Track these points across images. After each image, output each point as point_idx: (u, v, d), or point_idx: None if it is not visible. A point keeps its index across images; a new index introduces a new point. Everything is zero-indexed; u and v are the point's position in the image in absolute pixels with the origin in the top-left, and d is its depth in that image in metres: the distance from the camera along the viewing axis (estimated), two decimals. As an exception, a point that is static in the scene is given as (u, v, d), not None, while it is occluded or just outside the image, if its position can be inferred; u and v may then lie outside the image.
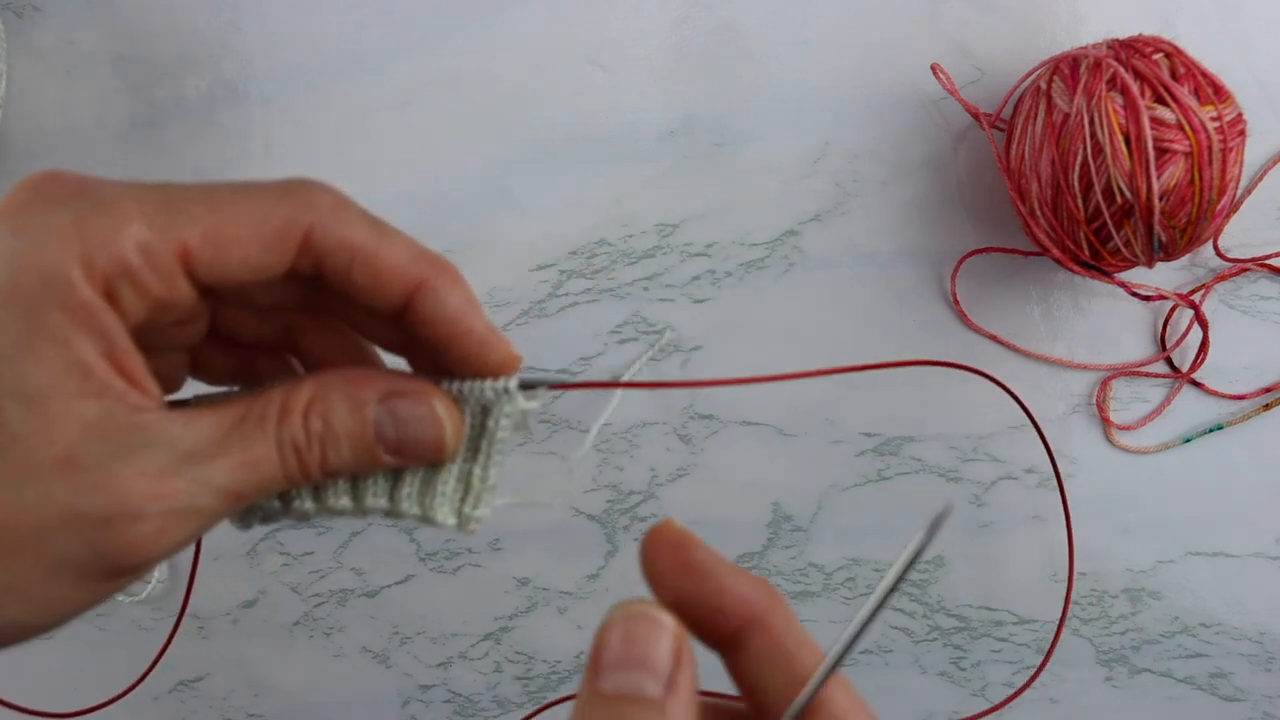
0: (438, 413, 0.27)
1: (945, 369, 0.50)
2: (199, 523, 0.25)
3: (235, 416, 0.26)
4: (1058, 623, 0.51)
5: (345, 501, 0.28)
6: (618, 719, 0.23)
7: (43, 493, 0.22)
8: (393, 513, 0.28)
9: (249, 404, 0.26)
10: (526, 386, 0.27)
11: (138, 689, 0.52)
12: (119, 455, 0.23)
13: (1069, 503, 0.51)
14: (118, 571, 0.24)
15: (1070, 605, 0.51)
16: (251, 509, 0.28)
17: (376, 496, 0.28)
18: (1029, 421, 0.51)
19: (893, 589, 0.24)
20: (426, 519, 0.28)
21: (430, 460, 0.27)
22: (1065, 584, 0.51)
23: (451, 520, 0.28)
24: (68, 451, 0.23)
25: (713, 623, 0.25)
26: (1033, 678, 0.51)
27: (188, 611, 0.52)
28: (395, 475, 0.28)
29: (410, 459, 0.27)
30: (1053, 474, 0.51)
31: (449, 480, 0.28)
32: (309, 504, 0.28)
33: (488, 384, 0.27)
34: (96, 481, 0.23)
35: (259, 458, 0.26)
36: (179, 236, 0.23)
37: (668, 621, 0.24)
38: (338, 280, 0.26)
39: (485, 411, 0.27)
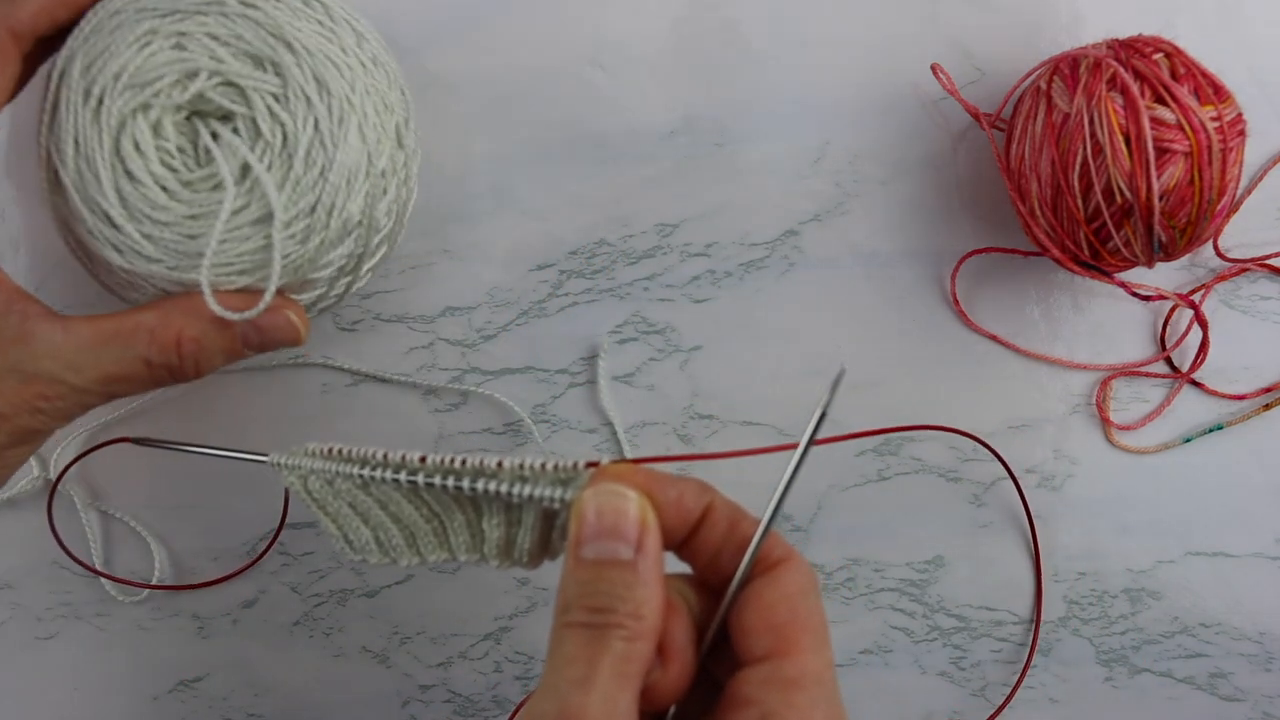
0: (292, 320, 0.36)
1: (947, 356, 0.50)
2: (67, 419, 0.35)
3: (111, 331, 0.34)
4: (1058, 624, 0.51)
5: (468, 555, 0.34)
6: (598, 580, 0.28)
7: None
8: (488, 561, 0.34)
9: (122, 320, 0.34)
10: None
11: (138, 689, 0.52)
12: (12, 369, 0.33)
13: (1060, 507, 0.51)
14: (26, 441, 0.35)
15: (1042, 614, 0.51)
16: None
17: (469, 551, 0.34)
18: (1028, 422, 0.51)
19: (804, 454, 0.30)
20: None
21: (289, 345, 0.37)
22: (1065, 584, 0.51)
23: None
24: None
25: (678, 523, 0.30)
26: (1019, 681, 0.51)
27: (188, 612, 0.52)
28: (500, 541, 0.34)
29: (272, 350, 0.37)
30: (1054, 474, 0.51)
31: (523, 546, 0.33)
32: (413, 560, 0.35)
33: (556, 496, 0.31)
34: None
35: (129, 374, 0.34)
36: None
37: (633, 496, 0.29)
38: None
39: (550, 513, 0.32)
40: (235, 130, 0.39)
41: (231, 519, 0.51)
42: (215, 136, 0.39)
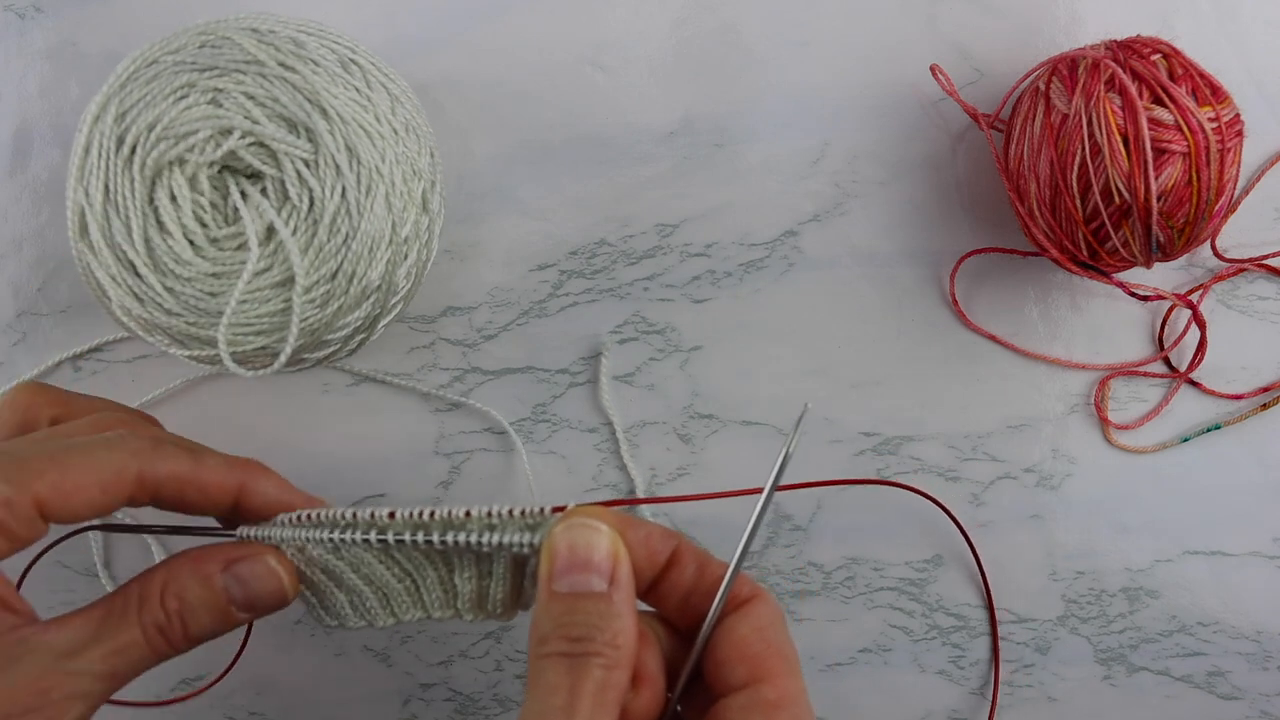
0: (273, 567, 0.33)
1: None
2: (86, 705, 0.31)
3: (101, 612, 0.31)
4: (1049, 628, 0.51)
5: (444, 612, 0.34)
6: (574, 611, 0.29)
7: None
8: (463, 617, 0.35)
9: (111, 599, 0.32)
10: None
11: (140, 687, 0.52)
12: (6, 669, 0.29)
13: (1058, 506, 0.51)
14: None
15: (1000, 642, 0.51)
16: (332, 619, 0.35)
17: (444, 609, 0.34)
18: (1027, 421, 0.51)
19: (768, 497, 0.30)
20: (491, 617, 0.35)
21: (276, 608, 0.34)
22: (1063, 582, 0.51)
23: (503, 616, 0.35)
24: None
25: (647, 564, 0.31)
26: (993, 690, 0.51)
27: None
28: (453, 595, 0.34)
29: (262, 611, 0.33)
30: (1053, 473, 0.51)
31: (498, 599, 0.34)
32: (388, 620, 0.34)
33: (525, 541, 0.31)
34: None
35: (127, 643, 0.31)
36: (32, 490, 0.29)
37: (604, 529, 0.30)
38: (174, 502, 0.32)
39: (520, 561, 0.32)
40: (264, 191, 0.39)
41: (233, 518, 0.51)
42: (244, 195, 0.39)
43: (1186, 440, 0.51)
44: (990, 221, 0.51)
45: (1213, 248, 0.49)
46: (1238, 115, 0.43)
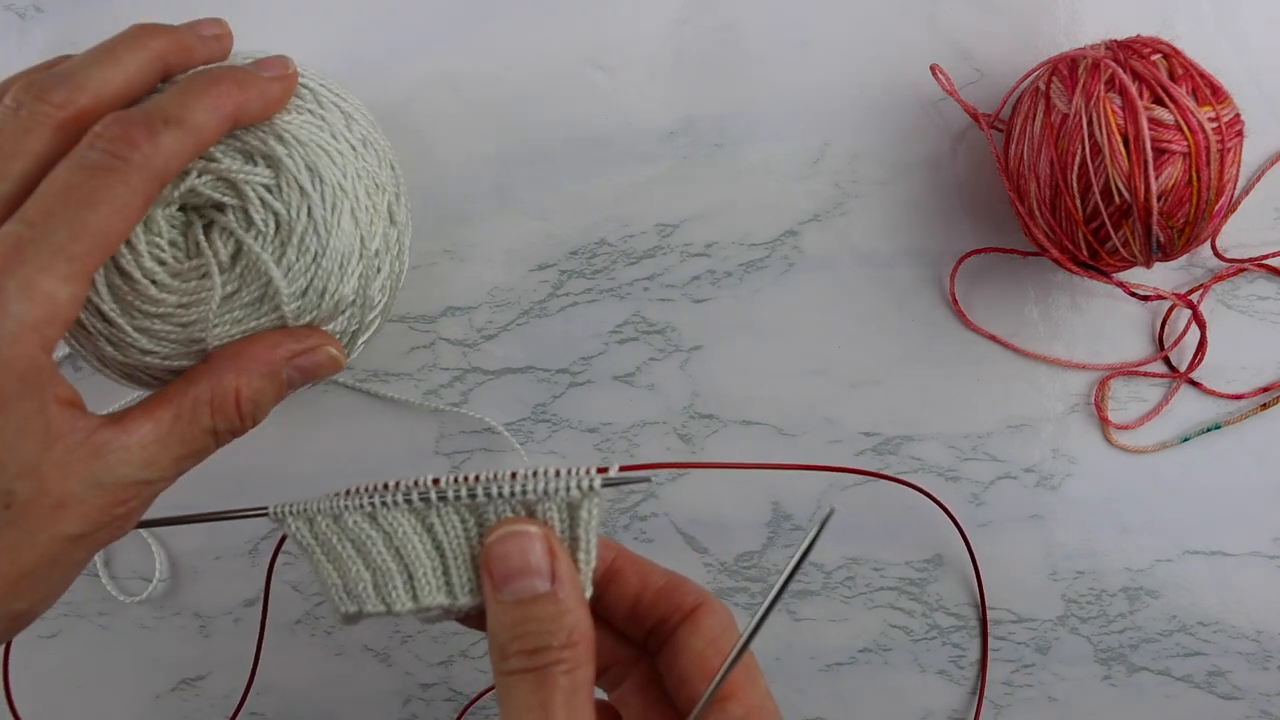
0: (334, 355, 0.37)
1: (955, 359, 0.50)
2: (151, 501, 0.33)
3: (171, 416, 0.33)
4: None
5: (467, 600, 0.32)
6: (525, 620, 0.29)
7: (51, 535, 0.30)
8: None
9: (178, 400, 0.33)
10: (611, 484, 0.31)
11: (140, 687, 0.52)
12: (93, 485, 0.30)
13: (1058, 506, 0.51)
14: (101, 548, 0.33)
15: (990, 642, 0.51)
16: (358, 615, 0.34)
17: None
18: (1027, 421, 0.51)
19: (784, 585, 0.29)
20: None
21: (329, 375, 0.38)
22: (1063, 582, 0.51)
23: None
24: (60, 498, 0.30)
25: (669, 610, 0.32)
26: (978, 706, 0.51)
27: (190, 610, 0.52)
28: None
29: (311, 383, 0.37)
30: (1053, 473, 0.51)
31: None
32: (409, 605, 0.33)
33: (573, 484, 0.31)
34: (84, 511, 0.30)
35: (199, 448, 0.33)
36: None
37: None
38: None
39: (573, 507, 0.31)
40: (217, 226, 0.38)
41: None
42: (207, 228, 0.38)
43: (1186, 440, 0.51)
44: (990, 221, 0.51)
45: (1213, 248, 0.49)
46: (1238, 115, 0.43)
